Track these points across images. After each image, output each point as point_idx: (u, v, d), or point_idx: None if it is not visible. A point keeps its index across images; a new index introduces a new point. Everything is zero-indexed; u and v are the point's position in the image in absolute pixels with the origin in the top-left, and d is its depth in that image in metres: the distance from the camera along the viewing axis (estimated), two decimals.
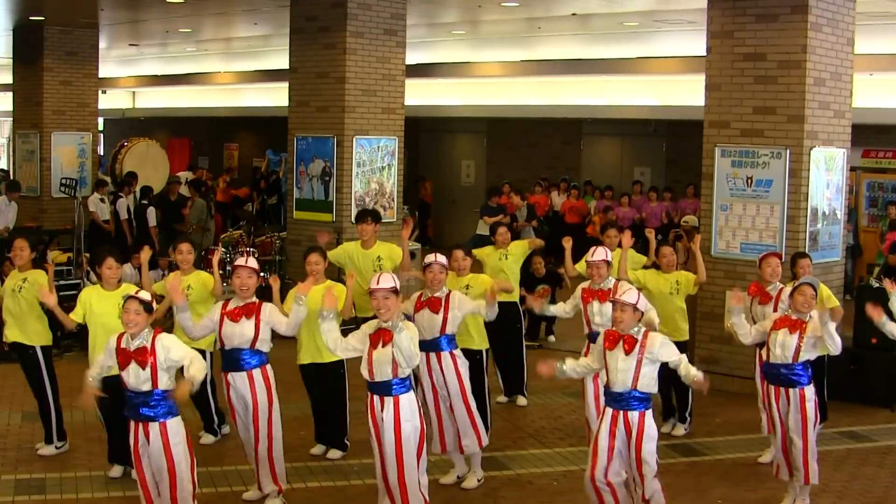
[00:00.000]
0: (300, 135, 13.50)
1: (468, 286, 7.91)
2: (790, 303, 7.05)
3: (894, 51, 14.88)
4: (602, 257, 7.93)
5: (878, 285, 10.62)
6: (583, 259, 8.37)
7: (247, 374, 6.90)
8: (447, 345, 7.32)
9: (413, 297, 7.43)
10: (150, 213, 15.80)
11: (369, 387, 6.24)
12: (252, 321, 6.88)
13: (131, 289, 7.29)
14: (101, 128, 25.23)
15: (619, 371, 6.09)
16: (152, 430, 5.91)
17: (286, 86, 13.86)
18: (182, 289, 7.40)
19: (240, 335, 6.88)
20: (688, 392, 8.96)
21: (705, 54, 10.74)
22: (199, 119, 27.63)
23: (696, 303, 10.78)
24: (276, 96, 21.46)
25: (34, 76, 17.86)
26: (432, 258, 7.30)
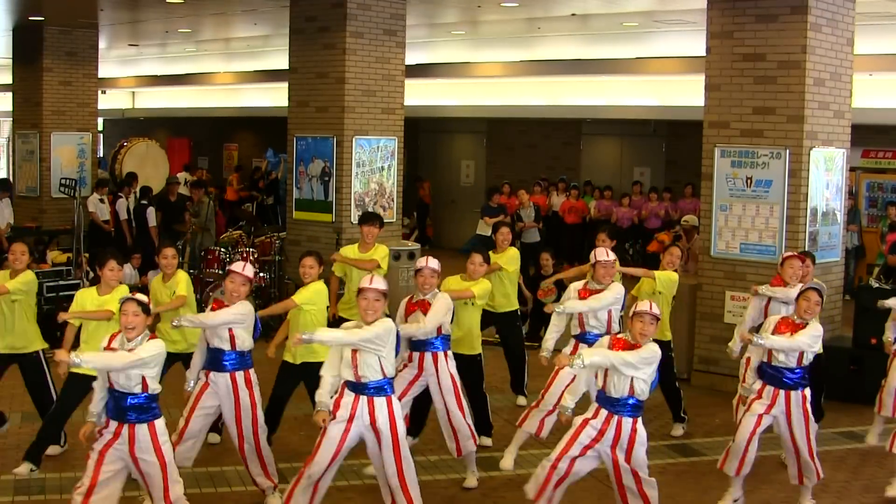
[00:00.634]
0: (300, 135, 13.50)
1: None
2: (795, 307, 7.10)
3: (894, 51, 14.88)
4: (612, 257, 7.96)
5: (877, 285, 10.65)
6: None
7: (229, 376, 6.94)
8: (442, 345, 7.40)
9: (403, 301, 7.51)
10: (150, 214, 15.79)
11: (354, 388, 6.20)
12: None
13: (126, 291, 7.45)
14: (100, 128, 25.22)
15: (621, 377, 6.09)
16: (140, 432, 5.91)
17: (286, 86, 13.87)
18: (171, 293, 7.81)
19: (220, 336, 6.93)
20: (678, 392, 9.01)
21: (705, 54, 10.74)
22: (198, 119, 27.63)
23: (696, 303, 10.79)
24: (275, 96, 21.46)
25: (34, 76, 17.85)
26: (423, 263, 7.38)
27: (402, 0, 13.38)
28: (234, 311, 6.88)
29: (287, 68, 13.83)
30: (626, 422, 6.12)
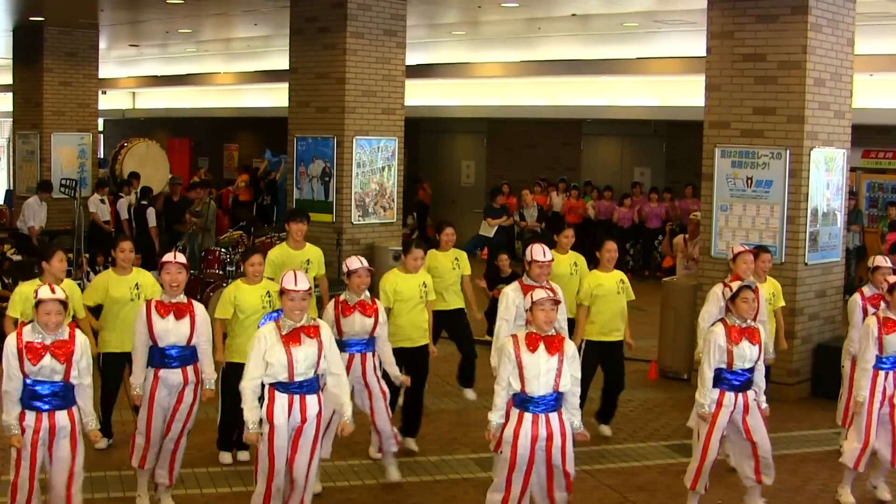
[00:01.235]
0: (300, 135, 13.51)
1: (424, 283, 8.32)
2: (732, 308, 6.75)
3: (894, 51, 14.88)
4: (550, 257, 7.96)
5: None
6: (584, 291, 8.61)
7: (181, 371, 6.89)
8: (370, 346, 7.48)
9: (330, 304, 7.52)
10: (150, 214, 15.79)
11: (285, 388, 6.11)
12: (186, 320, 6.88)
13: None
14: (101, 128, 25.22)
15: (543, 373, 5.99)
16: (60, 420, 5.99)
17: (286, 86, 13.87)
18: (131, 287, 7.90)
19: (175, 333, 6.86)
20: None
21: (705, 55, 10.74)
22: (199, 119, 27.63)
23: (696, 303, 10.78)
24: (276, 97, 21.47)
25: (34, 77, 17.86)
26: (358, 264, 7.40)
27: (402, 0, 13.38)
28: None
29: (287, 69, 13.83)
30: (552, 417, 6.06)
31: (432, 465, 8.07)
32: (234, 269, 12.67)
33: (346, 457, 8.11)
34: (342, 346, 7.20)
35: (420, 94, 19.00)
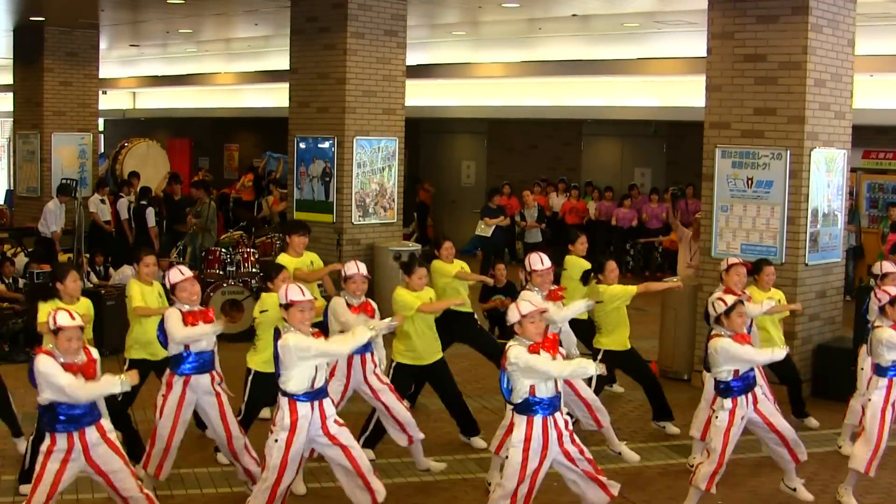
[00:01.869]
0: (300, 135, 13.51)
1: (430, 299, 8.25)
2: (725, 321, 6.86)
3: (894, 52, 14.88)
4: (548, 265, 8.12)
5: None
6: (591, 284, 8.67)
7: (209, 375, 7.04)
8: (371, 347, 7.52)
9: (342, 301, 7.59)
10: (149, 214, 15.80)
11: (307, 397, 6.16)
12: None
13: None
14: (101, 128, 25.23)
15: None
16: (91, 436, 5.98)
17: (287, 86, 13.88)
18: (157, 295, 7.92)
19: (207, 338, 6.99)
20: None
21: (706, 55, 10.73)
22: (199, 120, 27.63)
23: (696, 304, 10.78)
24: (276, 97, 21.47)
25: (35, 77, 17.86)
26: (355, 269, 7.51)
27: (402, 1, 13.38)
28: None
29: (288, 69, 13.84)
30: (558, 416, 6.18)
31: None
32: (234, 269, 12.67)
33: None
34: None
35: (420, 95, 19.00)
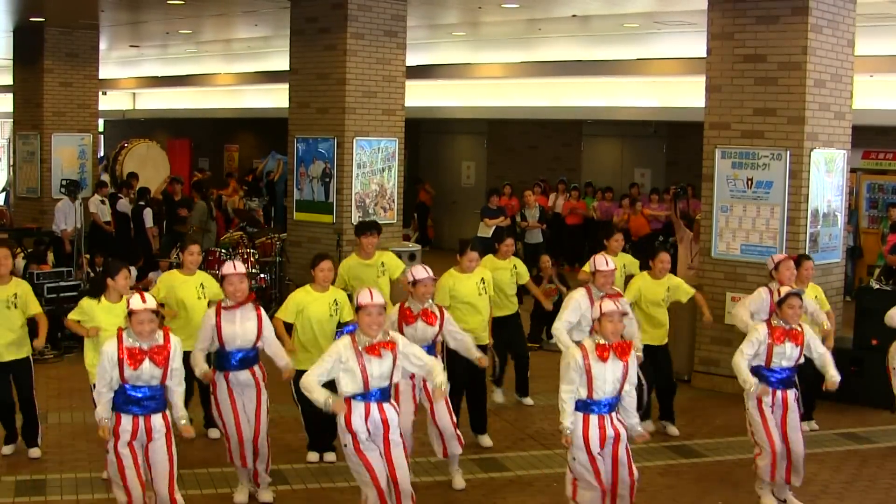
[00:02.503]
0: (300, 136, 13.51)
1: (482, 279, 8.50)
2: (778, 312, 7.07)
3: (894, 52, 14.88)
4: (612, 266, 8.12)
5: (878, 287, 10.65)
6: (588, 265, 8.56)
7: (249, 371, 7.13)
8: (433, 352, 7.49)
9: (395, 310, 7.56)
10: (147, 215, 15.81)
11: (363, 397, 6.15)
12: (253, 320, 7.10)
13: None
14: (101, 129, 25.22)
15: (610, 381, 6.18)
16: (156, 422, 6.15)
17: (286, 87, 13.87)
18: (196, 287, 8.19)
19: (242, 336, 7.06)
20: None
21: (706, 56, 10.74)
22: (199, 120, 27.63)
23: (696, 304, 10.77)
24: (276, 98, 21.47)
25: (34, 77, 17.85)
26: (424, 273, 7.45)
27: (402, 1, 13.38)
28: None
29: (288, 69, 13.84)
30: (616, 417, 6.27)
31: (433, 465, 8.07)
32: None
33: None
34: None
35: (420, 95, 19.01)
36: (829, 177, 10.43)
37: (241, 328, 7.06)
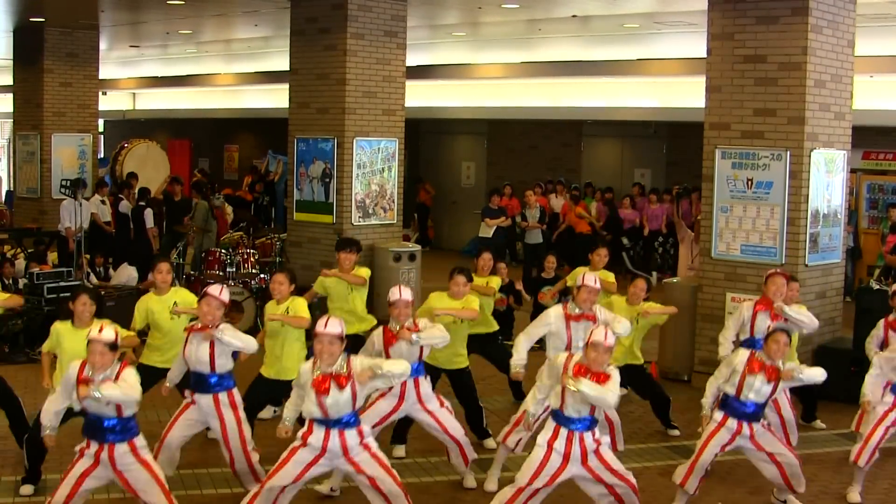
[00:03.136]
0: (300, 136, 13.51)
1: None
2: (763, 347, 6.91)
3: (894, 52, 14.88)
4: (598, 285, 7.93)
5: (878, 287, 10.64)
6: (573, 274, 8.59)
7: (212, 398, 7.00)
8: (422, 370, 7.45)
9: (378, 332, 7.42)
10: (148, 215, 15.80)
11: (322, 423, 6.10)
12: (207, 346, 6.93)
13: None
14: (101, 129, 25.22)
15: (582, 401, 6.13)
16: (119, 450, 6.05)
17: (287, 87, 13.87)
18: (169, 307, 7.84)
19: (196, 360, 6.97)
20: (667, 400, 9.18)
21: (706, 56, 10.74)
22: (199, 120, 27.63)
23: (696, 305, 10.78)
24: (276, 98, 21.46)
25: (34, 77, 17.86)
26: (397, 296, 7.28)
27: (402, 1, 13.38)
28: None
29: (288, 70, 13.84)
30: (586, 436, 6.20)
31: (432, 466, 8.06)
32: (234, 269, 12.68)
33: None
34: None
35: (420, 95, 19.00)
36: (829, 177, 10.42)
37: (197, 352, 6.92)
